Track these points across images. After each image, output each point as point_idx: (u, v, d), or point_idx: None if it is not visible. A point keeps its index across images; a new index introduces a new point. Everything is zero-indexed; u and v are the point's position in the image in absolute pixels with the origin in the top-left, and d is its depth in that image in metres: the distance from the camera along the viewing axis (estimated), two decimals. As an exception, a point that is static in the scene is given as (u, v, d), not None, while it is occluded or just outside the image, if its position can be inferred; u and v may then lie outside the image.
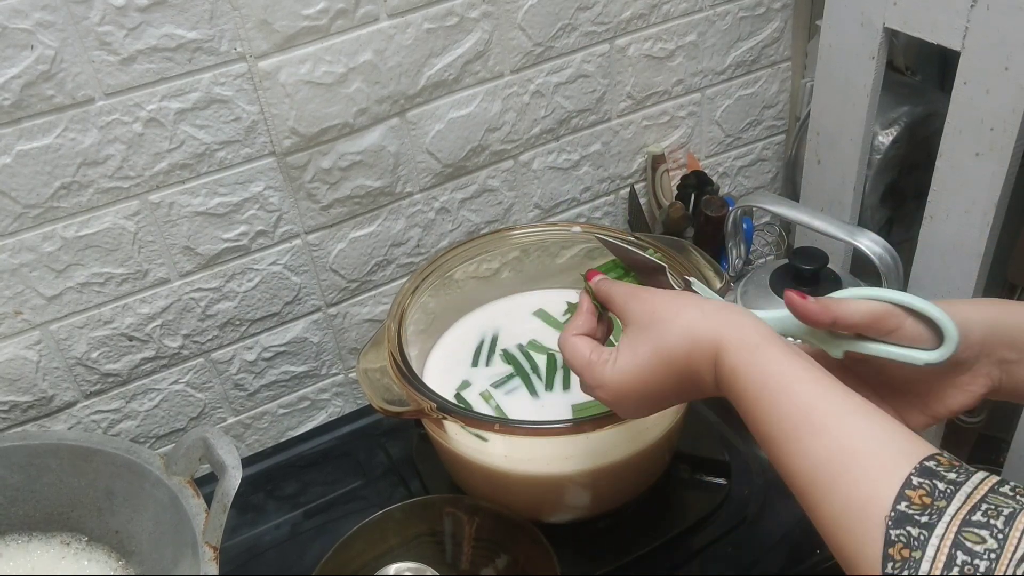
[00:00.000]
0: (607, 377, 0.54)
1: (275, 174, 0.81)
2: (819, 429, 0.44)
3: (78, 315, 0.79)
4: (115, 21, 0.68)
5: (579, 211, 1.03)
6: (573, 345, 0.56)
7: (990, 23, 0.80)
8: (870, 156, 1.02)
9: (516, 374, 0.76)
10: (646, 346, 0.52)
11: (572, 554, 0.71)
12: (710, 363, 0.50)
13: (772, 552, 0.72)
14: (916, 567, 0.37)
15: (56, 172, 0.72)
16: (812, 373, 0.46)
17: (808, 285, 0.84)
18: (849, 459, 0.42)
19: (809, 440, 0.44)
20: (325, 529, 0.78)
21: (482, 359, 0.79)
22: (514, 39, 0.88)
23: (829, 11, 0.98)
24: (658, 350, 0.52)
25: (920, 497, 0.39)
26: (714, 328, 0.50)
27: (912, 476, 0.40)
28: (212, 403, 0.91)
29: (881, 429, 0.43)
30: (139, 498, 0.70)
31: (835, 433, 0.43)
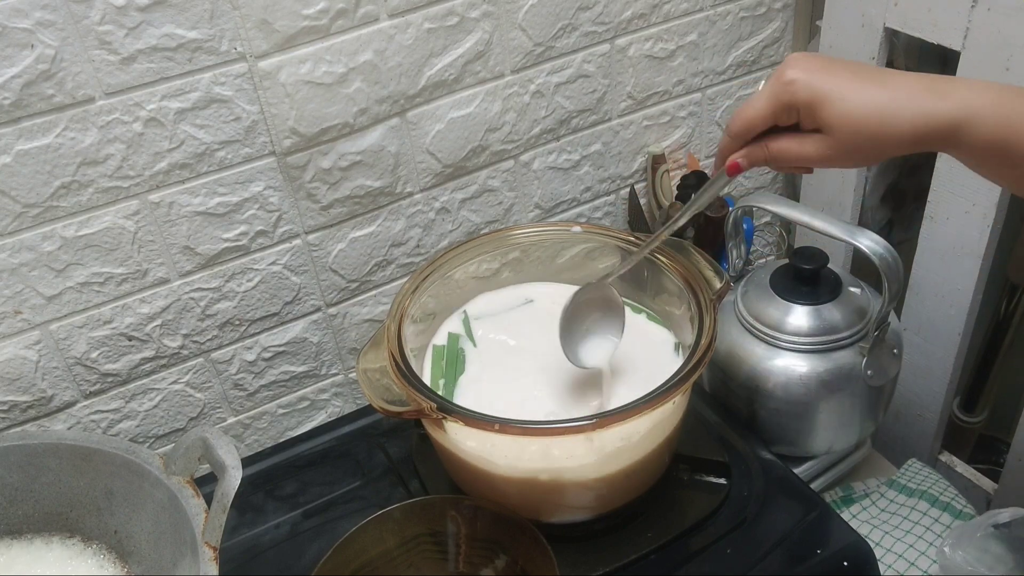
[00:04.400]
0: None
1: (275, 174, 0.81)
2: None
3: (78, 315, 0.79)
4: (115, 21, 0.68)
5: (579, 211, 1.03)
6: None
7: (990, 23, 0.80)
8: (870, 157, 1.02)
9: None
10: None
11: (572, 554, 0.71)
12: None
13: (772, 553, 0.72)
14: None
15: (56, 172, 0.72)
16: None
17: (808, 285, 0.84)
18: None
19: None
20: (324, 529, 0.78)
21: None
22: (514, 39, 0.87)
23: (829, 11, 0.98)
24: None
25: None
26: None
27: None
28: (212, 403, 0.91)
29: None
30: (138, 498, 0.70)
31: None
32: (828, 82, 0.51)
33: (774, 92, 0.53)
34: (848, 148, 0.53)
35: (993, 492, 1.03)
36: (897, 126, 0.50)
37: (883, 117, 0.50)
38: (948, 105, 0.50)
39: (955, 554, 0.79)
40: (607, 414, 0.63)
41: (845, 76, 0.52)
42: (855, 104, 0.51)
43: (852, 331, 0.83)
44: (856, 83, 0.51)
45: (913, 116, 0.50)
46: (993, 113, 0.49)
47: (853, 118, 0.51)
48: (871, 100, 0.51)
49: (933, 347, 0.99)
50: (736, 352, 0.85)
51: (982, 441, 1.22)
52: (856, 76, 0.52)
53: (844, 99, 0.51)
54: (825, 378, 0.82)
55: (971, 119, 0.50)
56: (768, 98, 0.54)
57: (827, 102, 0.52)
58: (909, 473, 0.97)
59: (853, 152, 0.53)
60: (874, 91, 0.51)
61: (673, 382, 0.65)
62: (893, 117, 0.50)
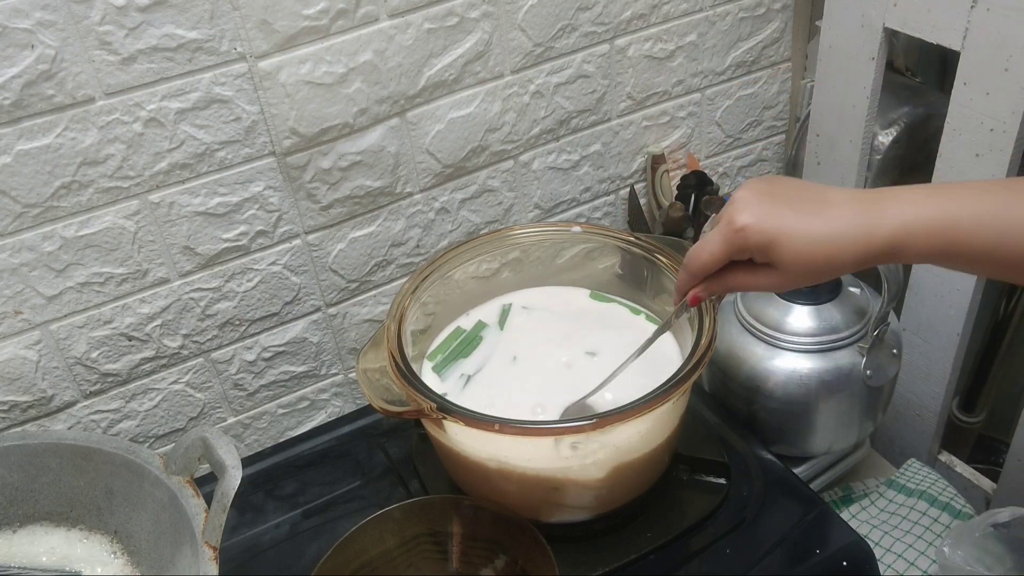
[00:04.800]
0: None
1: (275, 174, 0.81)
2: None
3: (78, 315, 0.79)
4: (115, 21, 0.68)
5: (579, 211, 1.03)
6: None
7: (990, 24, 0.80)
8: (870, 157, 1.03)
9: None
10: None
11: (572, 554, 0.71)
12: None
13: (772, 553, 0.72)
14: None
15: (56, 172, 0.72)
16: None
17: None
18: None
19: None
20: (324, 529, 0.78)
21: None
22: (514, 39, 0.88)
23: (829, 12, 0.98)
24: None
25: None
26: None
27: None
28: (212, 403, 0.91)
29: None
30: (138, 498, 0.70)
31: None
32: (777, 224, 0.55)
33: (727, 238, 0.57)
34: (798, 278, 0.57)
35: (992, 492, 1.03)
36: (840, 257, 0.55)
37: (827, 252, 0.55)
38: (884, 230, 0.54)
39: (954, 554, 0.79)
40: (607, 414, 0.63)
41: (790, 215, 0.55)
42: (802, 244, 0.55)
43: (852, 331, 0.83)
44: (801, 221, 0.55)
45: (854, 246, 0.54)
46: (927, 231, 0.53)
47: (801, 256, 0.55)
48: (815, 238, 0.55)
49: (932, 347, 1.00)
50: (736, 352, 0.85)
51: (981, 441, 1.22)
52: (800, 212, 0.55)
53: (791, 240, 0.55)
54: (825, 378, 0.82)
55: (907, 239, 0.53)
56: (722, 243, 0.57)
57: (776, 245, 0.55)
58: (908, 473, 0.97)
59: (803, 280, 0.58)
60: (817, 227, 0.55)
61: (673, 382, 0.65)
62: (836, 250, 0.54)
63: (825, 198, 0.56)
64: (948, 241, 0.53)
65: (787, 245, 0.55)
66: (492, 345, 0.80)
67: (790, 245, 0.55)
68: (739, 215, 0.56)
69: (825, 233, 0.55)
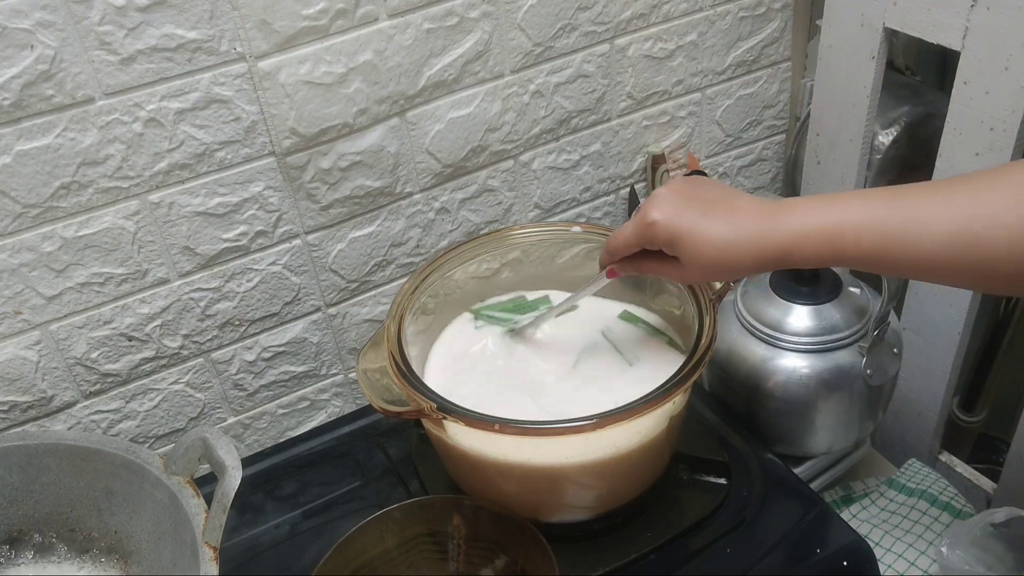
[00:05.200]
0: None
1: (275, 174, 0.81)
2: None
3: (78, 315, 0.79)
4: (115, 21, 0.68)
5: (579, 211, 1.03)
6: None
7: (990, 23, 0.80)
8: (870, 156, 1.02)
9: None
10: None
11: (572, 554, 0.71)
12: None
13: (772, 552, 0.72)
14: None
15: (56, 172, 0.72)
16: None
17: (808, 285, 0.84)
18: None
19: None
20: (324, 529, 0.78)
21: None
22: (514, 39, 0.87)
23: (829, 11, 0.98)
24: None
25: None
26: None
27: None
28: (212, 403, 0.91)
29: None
30: (138, 498, 0.70)
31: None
32: (681, 224, 0.60)
33: (638, 230, 0.63)
34: (700, 274, 0.63)
35: (992, 492, 1.03)
36: (736, 259, 0.60)
37: (725, 254, 0.60)
38: (777, 238, 0.58)
39: (953, 553, 0.80)
40: (607, 414, 0.63)
41: (697, 216, 0.60)
42: (703, 244, 0.60)
43: (852, 331, 0.83)
44: (705, 223, 0.60)
45: (748, 250, 0.59)
46: (815, 238, 0.57)
47: (701, 255, 0.60)
48: (715, 240, 0.60)
49: (933, 347, 0.99)
50: (736, 352, 0.85)
51: (981, 441, 1.22)
52: (706, 215, 0.60)
53: (694, 240, 0.60)
54: (825, 378, 0.82)
55: (797, 246, 0.58)
56: (634, 234, 0.63)
57: (680, 242, 0.61)
58: (909, 473, 0.97)
59: (705, 276, 0.65)
60: (718, 230, 0.60)
61: (673, 382, 0.65)
62: (733, 253, 0.59)
63: (734, 205, 0.61)
64: (835, 247, 0.57)
65: (689, 244, 0.60)
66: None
67: (692, 244, 0.60)
68: (652, 211, 0.61)
69: (724, 237, 0.59)
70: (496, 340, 0.80)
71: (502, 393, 0.74)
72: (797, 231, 0.58)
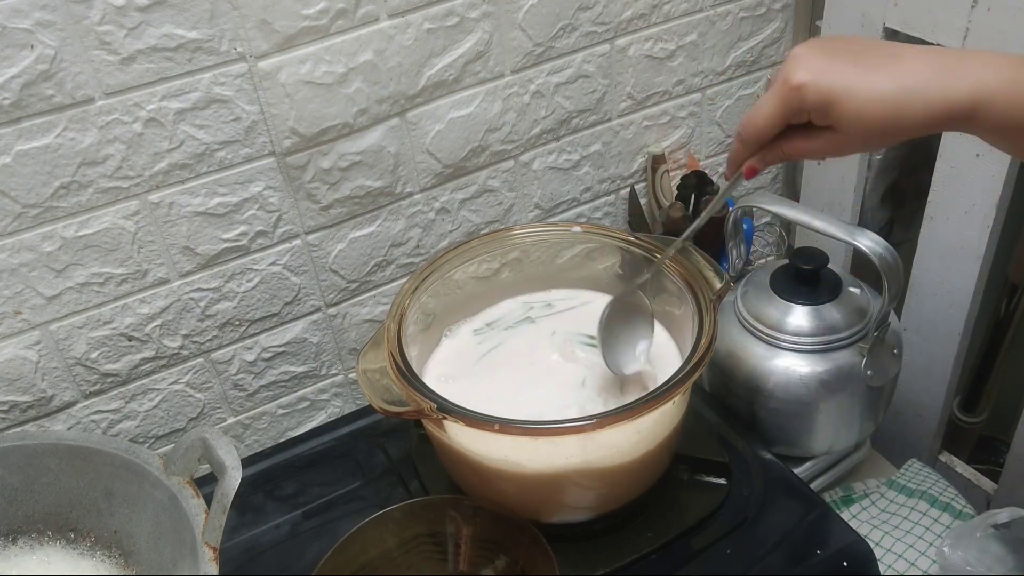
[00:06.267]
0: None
1: (275, 174, 0.81)
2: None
3: (77, 315, 0.79)
4: (115, 21, 0.68)
5: (579, 211, 1.03)
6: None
7: (990, 23, 0.80)
8: (870, 157, 1.02)
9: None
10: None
11: (572, 554, 0.71)
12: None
13: (772, 553, 0.72)
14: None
15: (56, 172, 0.72)
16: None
17: (808, 285, 0.84)
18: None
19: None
20: (324, 529, 0.78)
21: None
22: (514, 39, 0.87)
23: (829, 11, 0.98)
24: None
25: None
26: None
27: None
28: (211, 403, 0.91)
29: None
30: (138, 498, 0.70)
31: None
32: (836, 81, 0.51)
33: (783, 98, 0.53)
34: (862, 141, 0.53)
35: (993, 492, 1.03)
36: (910, 117, 0.50)
37: (895, 111, 0.50)
38: (961, 92, 0.49)
39: (954, 554, 0.79)
40: (607, 414, 0.63)
41: (852, 69, 0.51)
42: (866, 100, 0.50)
43: (852, 331, 0.83)
44: (864, 76, 0.50)
45: (925, 106, 0.49)
46: (1007, 95, 0.48)
47: (865, 115, 0.50)
48: (881, 94, 0.50)
49: (933, 347, 0.99)
50: (736, 352, 0.85)
51: (982, 441, 1.22)
52: (863, 67, 0.50)
53: (854, 98, 0.50)
54: (825, 378, 0.82)
55: (984, 103, 0.49)
56: (778, 104, 0.53)
57: (838, 103, 0.51)
58: (909, 473, 0.97)
59: (867, 143, 0.53)
60: (884, 83, 0.50)
61: (673, 382, 0.65)
62: (905, 108, 0.50)
63: (895, 52, 0.51)
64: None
65: (848, 103, 0.51)
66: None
67: (851, 103, 0.51)
68: (795, 72, 0.52)
69: (893, 89, 0.50)
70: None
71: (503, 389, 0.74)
72: (987, 87, 0.48)
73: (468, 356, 0.80)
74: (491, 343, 0.81)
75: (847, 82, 0.51)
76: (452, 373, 0.78)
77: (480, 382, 0.77)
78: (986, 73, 0.49)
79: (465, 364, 0.79)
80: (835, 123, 0.52)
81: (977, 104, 0.49)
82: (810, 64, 0.52)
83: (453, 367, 0.79)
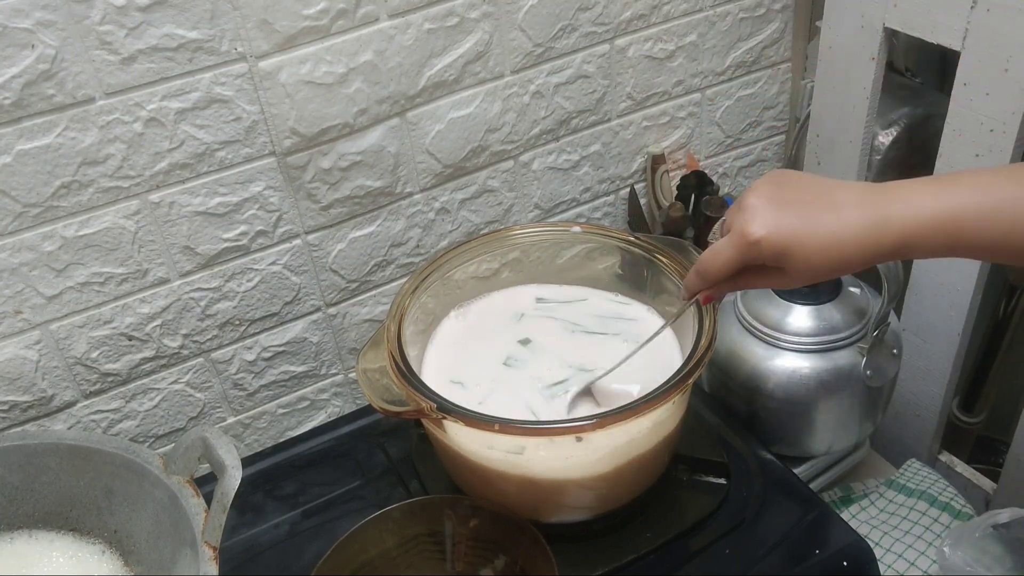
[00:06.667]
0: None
1: (275, 174, 0.81)
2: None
3: (78, 315, 0.79)
4: (116, 21, 0.68)
5: (579, 211, 1.03)
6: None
7: (990, 24, 0.80)
8: (870, 157, 1.03)
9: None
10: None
11: (571, 554, 0.71)
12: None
13: (771, 553, 0.72)
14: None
15: (56, 171, 0.72)
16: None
17: (808, 285, 0.84)
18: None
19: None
20: (324, 529, 0.78)
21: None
22: (514, 40, 0.88)
23: (829, 12, 0.98)
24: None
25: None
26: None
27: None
28: (211, 403, 0.91)
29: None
30: (138, 498, 0.70)
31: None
32: (789, 235, 0.57)
33: (741, 250, 0.59)
34: (809, 279, 0.60)
35: (992, 492, 1.03)
36: (849, 260, 0.57)
37: (837, 257, 0.56)
38: (892, 231, 0.55)
39: (954, 554, 0.79)
40: (607, 414, 0.63)
41: (800, 223, 0.57)
42: (813, 249, 0.56)
43: (851, 331, 0.83)
44: (811, 229, 0.56)
45: (862, 247, 0.56)
46: (933, 229, 0.55)
47: (813, 262, 0.57)
48: (826, 243, 0.56)
49: (932, 348, 1.00)
50: (736, 352, 0.85)
51: (981, 441, 1.22)
52: (809, 217, 0.57)
53: (804, 248, 0.56)
54: (824, 378, 0.82)
55: (914, 238, 0.55)
56: (735, 255, 0.59)
57: (790, 254, 0.57)
58: (908, 473, 0.97)
59: (812, 280, 0.60)
60: (827, 231, 0.56)
61: (673, 382, 0.65)
62: (845, 252, 0.56)
63: (834, 200, 0.57)
64: (955, 238, 0.54)
65: (799, 253, 0.57)
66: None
67: (802, 252, 0.56)
68: (752, 227, 0.57)
69: (835, 237, 0.56)
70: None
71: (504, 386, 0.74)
72: (914, 221, 0.54)
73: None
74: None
75: (797, 235, 0.56)
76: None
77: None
78: (910, 212, 0.55)
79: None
80: (787, 268, 0.58)
81: (904, 245, 0.55)
82: (764, 219, 0.57)
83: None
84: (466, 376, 0.76)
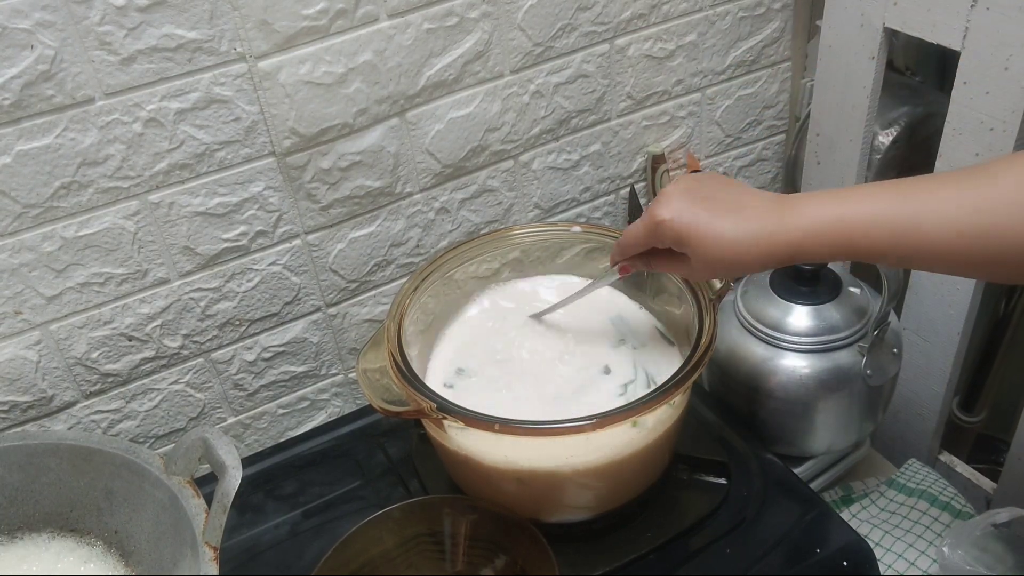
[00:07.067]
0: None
1: (275, 174, 0.81)
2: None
3: (78, 315, 0.79)
4: (115, 21, 0.68)
5: (579, 211, 1.03)
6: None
7: (990, 23, 0.80)
8: (870, 156, 1.03)
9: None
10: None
11: (572, 555, 0.71)
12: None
13: (772, 552, 0.72)
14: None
15: (56, 172, 0.72)
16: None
17: (808, 285, 0.84)
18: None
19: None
20: (324, 529, 0.78)
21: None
22: (514, 39, 0.88)
23: (829, 11, 0.98)
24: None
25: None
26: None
27: None
28: (212, 403, 0.91)
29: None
30: (139, 498, 0.70)
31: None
32: (691, 223, 0.61)
33: (648, 229, 0.64)
34: (709, 272, 0.65)
35: (992, 492, 1.03)
36: (745, 257, 0.60)
37: (733, 252, 0.60)
38: (785, 236, 0.59)
39: (954, 554, 0.80)
40: (607, 414, 0.63)
41: (704, 215, 0.61)
42: (710, 242, 0.61)
43: (852, 331, 0.83)
44: (712, 222, 0.61)
45: (757, 248, 0.60)
46: (824, 235, 0.58)
47: (708, 252, 0.61)
48: (723, 239, 0.60)
49: (932, 347, 0.99)
50: (736, 352, 0.85)
51: (981, 441, 1.22)
52: (714, 213, 0.61)
53: (702, 238, 0.61)
54: (824, 378, 0.82)
55: (806, 242, 0.59)
56: (644, 233, 0.65)
57: (688, 241, 0.62)
58: (908, 473, 0.97)
59: (713, 273, 0.67)
60: (726, 228, 0.60)
61: (673, 382, 0.65)
62: (741, 251, 0.60)
63: (741, 203, 0.61)
64: (844, 242, 0.58)
65: (697, 242, 0.61)
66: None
67: (700, 242, 0.61)
68: (660, 210, 0.62)
69: (732, 235, 0.60)
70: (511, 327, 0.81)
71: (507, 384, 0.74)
72: (806, 228, 0.58)
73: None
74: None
75: (698, 225, 0.61)
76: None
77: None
78: (805, 219, 0.59)
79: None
80: (688, 255, 0.63)
81: (798, 246, 0.59)
82: (672, 206, 0.62)
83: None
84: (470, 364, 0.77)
